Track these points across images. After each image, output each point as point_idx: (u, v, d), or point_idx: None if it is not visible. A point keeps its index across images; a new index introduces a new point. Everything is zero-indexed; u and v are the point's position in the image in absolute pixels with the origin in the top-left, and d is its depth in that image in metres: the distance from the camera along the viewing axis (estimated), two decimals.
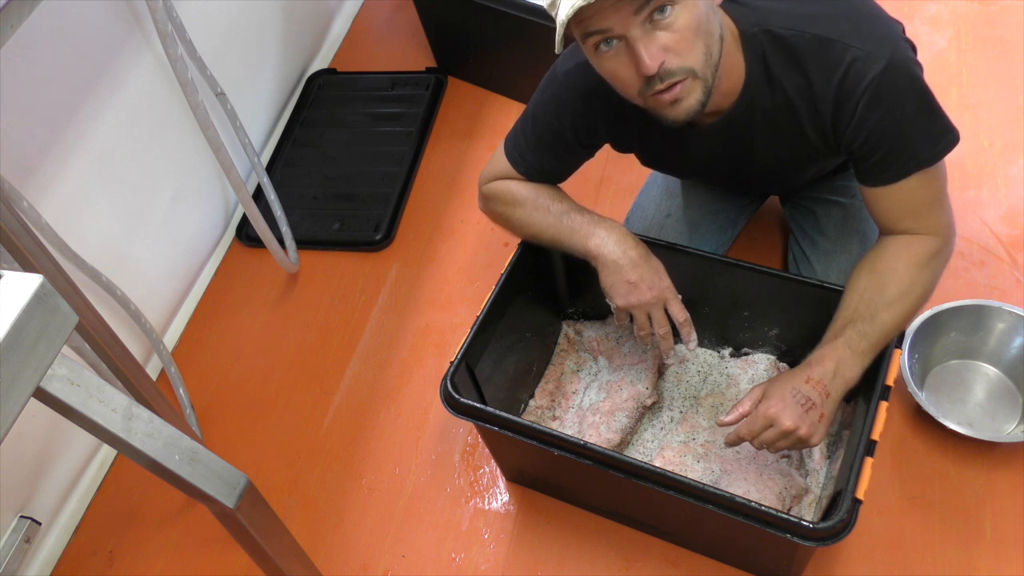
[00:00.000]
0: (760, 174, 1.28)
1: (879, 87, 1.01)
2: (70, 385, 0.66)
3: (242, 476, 0.79)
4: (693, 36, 0.97)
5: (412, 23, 2.15)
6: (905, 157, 1.06)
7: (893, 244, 1.12)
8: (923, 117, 1.05)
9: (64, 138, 1.37)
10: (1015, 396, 1.37)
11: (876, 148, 1.06)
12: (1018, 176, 1.68)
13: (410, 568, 1.35)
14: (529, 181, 1.28)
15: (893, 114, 1.03)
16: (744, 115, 1.12)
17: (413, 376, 1.58)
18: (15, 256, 1.01)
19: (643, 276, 1.18)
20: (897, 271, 1.10)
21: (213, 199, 1.82)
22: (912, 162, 1.06)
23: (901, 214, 1.10)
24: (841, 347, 1.07)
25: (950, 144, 1.07)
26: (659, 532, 1.31)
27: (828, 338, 1.10)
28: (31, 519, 1.36)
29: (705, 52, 0.99)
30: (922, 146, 1.06)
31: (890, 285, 1.09)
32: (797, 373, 1.08)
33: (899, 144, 1.05)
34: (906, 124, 1.04)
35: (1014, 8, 1.97)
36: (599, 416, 1.33)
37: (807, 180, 1.36)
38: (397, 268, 1.76)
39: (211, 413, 1.58)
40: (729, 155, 1.20)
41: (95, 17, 1.40)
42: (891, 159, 1.06)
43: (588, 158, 1.29)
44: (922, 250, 1.10)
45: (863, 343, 1.07)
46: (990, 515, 1.28)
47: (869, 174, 1.09)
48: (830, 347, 1.08)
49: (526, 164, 1.26)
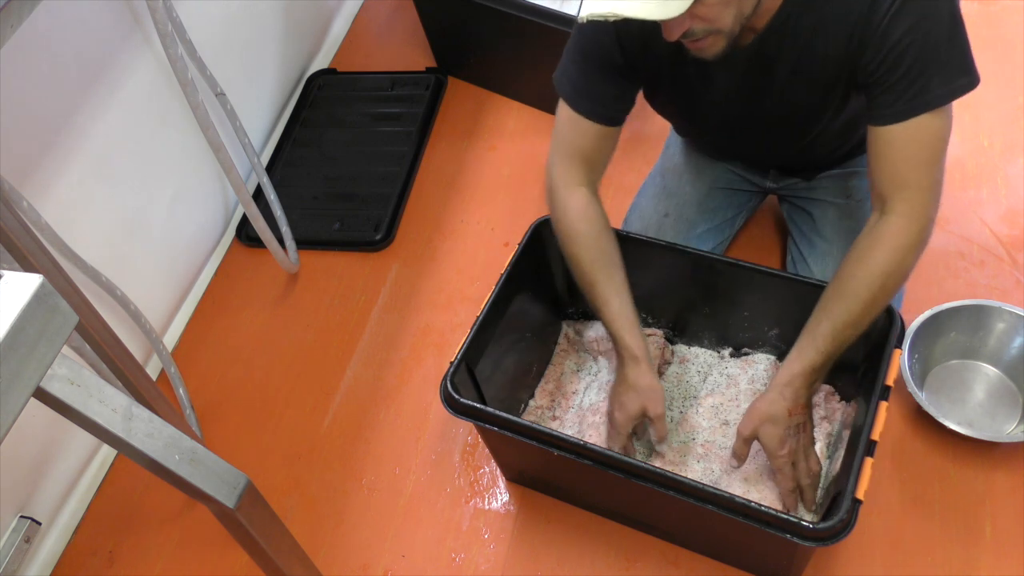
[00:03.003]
0: (770, 118, 1.25)
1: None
2: (70, 385, 0.66)
3: (242, 476, 0.79)
4: (723, 7, 0.97)
5: (412, 23, 2.15)
6: (919, 86, 1.04)
7: (862, 243, 1.11)
8: (948, 44, 1.03)
9: (64, 138, 1.37)
10: (1015, 396, 1.37)
11: (894, 67, 1.03)
12: (1018, 176, 1.68)
13: (410, 568, 1.35)
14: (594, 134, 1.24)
15: (920, 29, 1.01)
16: (776, 36, 1.10)
17: (413, 376, 1.58)
18: (15, 256, 1.01)
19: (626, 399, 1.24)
20: (862, 277, 1.10)
21: (213, 199, 1.82)
22: (922, 96, 1.04)
23: (892, 174, 1.08)
24: (807, 373, 1.13)
25: (965, 87, 1.05)
26: (659, 532, 1.31)
27: (792, 358, 1.14)
28: (31, 519, 1.36)
29: (736, 15, 0.99)
30: (936, 77, 1.03)
31: (850, 297, 1.10)
32: (776, 406, 1.14)
33: (918, 67, 1.03)
34: (930, 45, 1.02)
35: (1014, 8, 1.97)
36: (599, 416, 1.33)
37: (807, 144, 1.32)
38: (397, 268, 1.76)
39: (211, 413, 1.58)
40: (748, 87, 1.19)
41: (95, 17, 1.40)
42: (905, 85, 1.04)
43: (635, 95, 1.26)
44: (892, 245, 1.08)
45: (825, 360, 1.13)
46: (990, 515, 1.28)
47: (878, 105, 1.07)
48: (798, 372, 1.13)
49: (580, 98, 1.22)
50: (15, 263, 1.01)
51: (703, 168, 1.51)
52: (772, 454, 1.15)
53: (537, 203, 1.79)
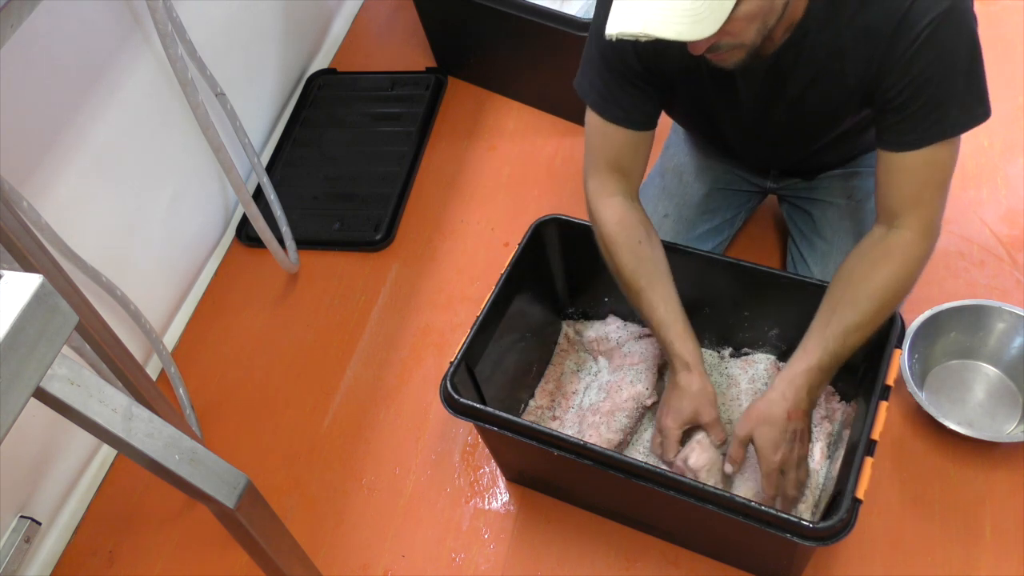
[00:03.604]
0: (782, 127, 1.25)
1: (939, 27, 0.99)
2: (70, 385, 0.66)
3: (242, 476, 0.80)
4: (749, 23, 0.97)
5: (412, 23, 2.15)
6: (936, 116, 1.04)
7: (874, 251, 1.12)
8: (968, 76, 1.04)
9: (64, 138, 1.37)
10: (1015, 396, 1.37)
11: (915, 96, 1.04)
12: (1018, 176, 1.68)
13: (410, 568, 1.35)
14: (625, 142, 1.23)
15: (943, 61, 1.01)
16: (793, 50, 1.10)
17: (413, 376, 1.58)
18: (15, 256, 1.01)
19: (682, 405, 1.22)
20: (875, 283, 1.10)
21: (213, 199, 1.82)
22: (939, 125, 1.05)
23: (905, 195, 1.09)
24: (814, 372, 1.11)
25: (980, 117, 1.06)
26: (659, 532, 1.31)
27: (798, 357, 1.13)
28: (31, 519, 1.36)
29: (760, 28, 0.99)
30: (955, 108, 1.04)
31: (863, 301, 1.10)
32: (775, 407, 1.12)
33: (936, 98, 1.03)
34: (950, 77, 1.02)
35: (1014, 8, 1.97)
36: (599, 416, 1.33)
37: (814, 150, 1.33)
38: (397, 268, 1.76)
39: (211, 413, 1.58)
40: (763, 97, 1.19)
41: (95, 17, 1.40)
42: (922, 115, 1.04)
43: (658, 99, 1.24)
44: (904, 258, 1.10)
45: (832, 362, 1.12)
46: (990, 515, 1.28)
47: (893, 131, 1.08)
48: (802, 371, 1.12)
49: (608, 105, 1.21)
50: (15, 263, 1.01)
51: (703, 168, 1.51)
52: (763, 457, 1.14)
53: (537, 203, 1.79)
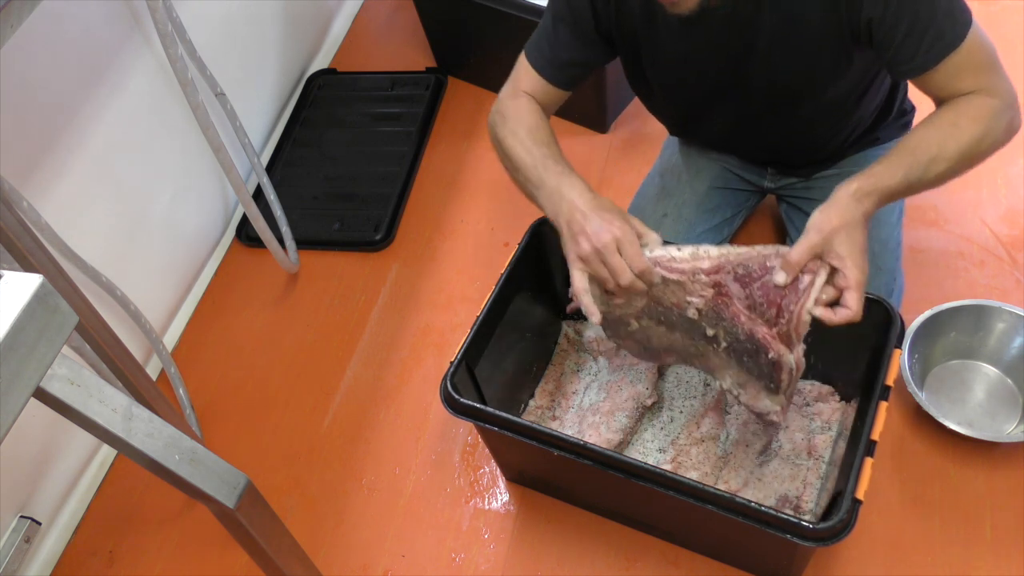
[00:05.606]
0: (756, 90, 1.24)
1: None
2: (70, 385, 0.66)
3: (242, 476, 0.80)
4: None
5: (412, 23, 2.15)
6: (931, 35, 1.04)
7: (955, 103, 1.08)
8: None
9: (64, 138, 1.37)
10: (1015, 396, 1.37)
11: (897, 22, 1.03)
12: (1018, 176, 1.68)
13: (410, 568, 1.35)
14: (542, 89, 1.25)
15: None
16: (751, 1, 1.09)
17: (413, 376, 1.58)
18: (15, 256, 1.01)
19: (592, 222, 1.09)
20: (960, 127, 1.06)
21: (213, 199, 1.82)
22: (940, 41, 1.04)
23: (961, 87, 1.07)
24: (890, 189, 1.04)
25: (969, 23, 1.05)
26: (659, 532, 1.31)
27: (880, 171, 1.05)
28: (31, 519, 1.36)
29: None
30: (945, 21, 1.03)
31: (950, 140, 1.06)
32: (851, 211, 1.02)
33: (921, 17, 1.03)
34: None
35: (1014, 8, 1.97)
36: (599, 416, 1.33)
37: (802, 134, 1.31)
38: (397, 268, 1.76)
39: (211, 413, 1.58)
40: (728, 51, 1.18)
41: (95, 17, 1.41)
42: (915, 38, 1.04)
43: (603, 58, 1.27)
44: (986, 108, 1.07)
45: (903, 190, 1.05)
46: (990, 515, 1.28)
47: (902, 62, 1.07)
48: (885, 184, 1.04)
49: (542, 57, 1.24)
50: (15, 263, 1.01)
51: (701, 168, 1.51)
52: (855, 265, 1.00)
53: None
